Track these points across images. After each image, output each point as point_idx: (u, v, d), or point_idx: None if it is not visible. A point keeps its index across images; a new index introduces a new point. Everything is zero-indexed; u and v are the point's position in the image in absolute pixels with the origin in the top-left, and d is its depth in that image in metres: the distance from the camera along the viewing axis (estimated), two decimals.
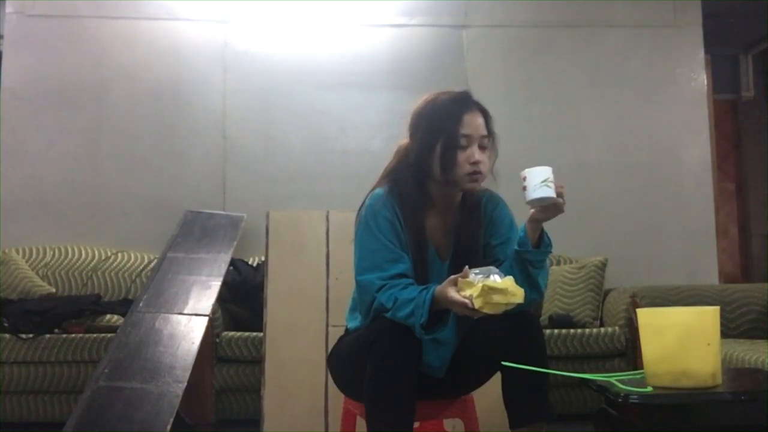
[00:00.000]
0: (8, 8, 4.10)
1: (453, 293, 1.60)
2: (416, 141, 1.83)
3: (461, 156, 1.76)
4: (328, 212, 2.85)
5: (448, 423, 2.37)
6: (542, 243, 1.77)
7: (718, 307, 1.57)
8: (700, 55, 4.34)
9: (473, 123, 1.78)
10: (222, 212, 3.92)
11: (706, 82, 4.36)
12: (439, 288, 1.65)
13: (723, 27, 4.86)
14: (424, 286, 1.70)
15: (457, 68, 4.23)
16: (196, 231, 3.64)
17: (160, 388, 2.58)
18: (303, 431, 2.63)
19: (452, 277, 1.64)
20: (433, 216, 1.86)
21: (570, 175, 4.19)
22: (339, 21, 4.25)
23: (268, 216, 2.83)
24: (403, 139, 1.93)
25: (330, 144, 4.15)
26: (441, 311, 1.70)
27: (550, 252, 1.80)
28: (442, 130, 1.77)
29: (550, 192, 1.68)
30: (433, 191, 1.85)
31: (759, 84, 5.68)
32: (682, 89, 4.31)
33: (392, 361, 1.63)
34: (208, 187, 4.09)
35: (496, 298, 1.55)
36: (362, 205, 1.87)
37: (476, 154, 1.76)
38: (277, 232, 2.79)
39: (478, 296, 1.54)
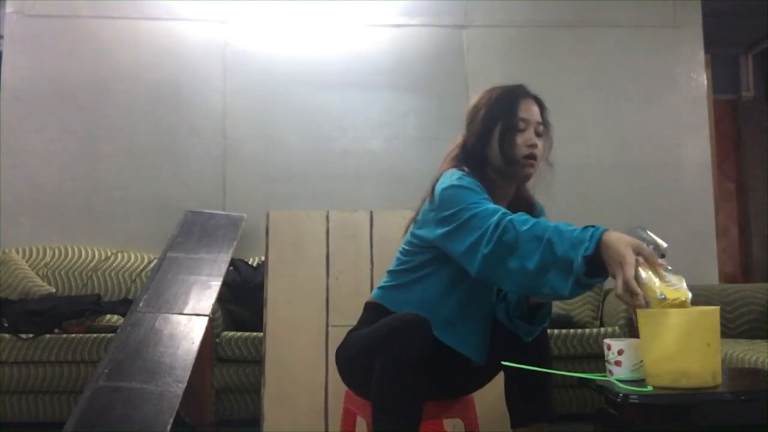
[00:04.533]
0: (8, 8, 4.10)
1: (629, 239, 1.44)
2: (475, 130, 1.85)
3: (519, 138, 1.77)
4: (328, 212, 2.85)
5: (448, 423, 2.37)
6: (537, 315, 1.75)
7: (717, 307, 1.56)
8: (700, 55, 4.34)
9: (530, 108, 1.81)
10: (222, 212, 3.92)
11: (706, 82, 4.36)
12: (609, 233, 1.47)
13: (723, 27, 4.86)
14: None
15: (457, 68, 4.23)
16: (196, 231, 3.64)
17: (160, 388, 2.58)
18: (303, 431, 2.63)
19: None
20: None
21: (570, 175, 4.19)
22: (339, 21, 4.25)
23: (268, 216, 2.83)
24: (451, 143, 1.95)
25: (330, 144, 4.15)
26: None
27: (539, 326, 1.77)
28: (500, 115, 1.79)
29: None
30: (495, 183, 1.80)
31: (759, 84, 5.69)
32: (682, 89, 4.31)
33: (402, 361, 1.59)
34: (208, 187, 4.09)
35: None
36: (439, 181, 1.77)
37: (533, 138, 1.78)
38: (277, 232, 2.79)
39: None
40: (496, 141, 1.77)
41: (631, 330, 3.30)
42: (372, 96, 4.18)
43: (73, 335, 3.26)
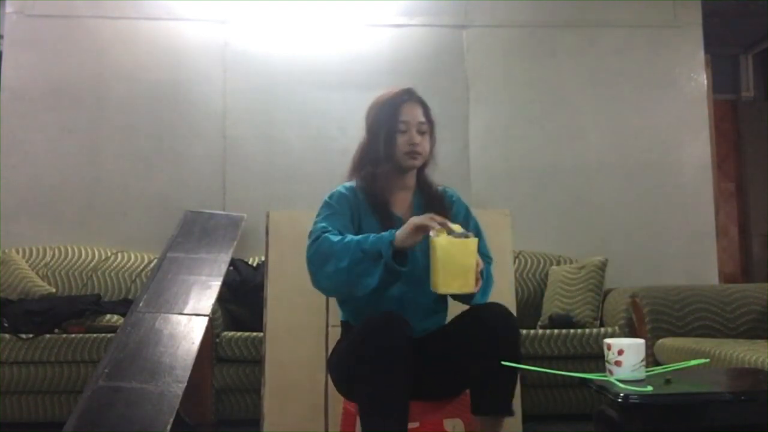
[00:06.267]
0: (8, 8, 4.10)
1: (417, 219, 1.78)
2: (366, 132, 2.13)
3: (401, 139, 2.02)
4: None
5: (447, 423, 2.37)
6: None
7: (475, 239, 1.77)
8: (700, 54, 4.34)
9: (410, 112, 2.06)
10: (222, 212, 3.92)
11: (706, 82, 4.36)
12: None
13: (723, 27, 4.86)
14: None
15: (457, 68, 4.23)
16: (196, 231, 3.64)
17: (160, 388, 2.58)
18: (303, 431, 2.63)
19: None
20: (396, 193, 2.08)
21: (570, 175, 4.19)
22: (339, 21, 4.25)
23: (268, 216, 2.83)
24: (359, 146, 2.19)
25: (330, 144, 4.15)
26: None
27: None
28: (384, 120, 2.06)
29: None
30: (389, 173, 2.07)
31: (759, 84, 5.69)
32: (682, 89, 4.31)
33: (382, 362, 1.68)
34: (208, 187, 4.09)
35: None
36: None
37: (415, 137, 2.02)
38: (277, 232, 2.78)
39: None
40: (382, 142, 2.03)
41: (631, 330, 3.30)
42: (372, 96, 4.10)
43: (73, 335, 3.26)
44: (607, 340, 1.70)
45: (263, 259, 2.85)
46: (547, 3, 4.31)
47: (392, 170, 2.07)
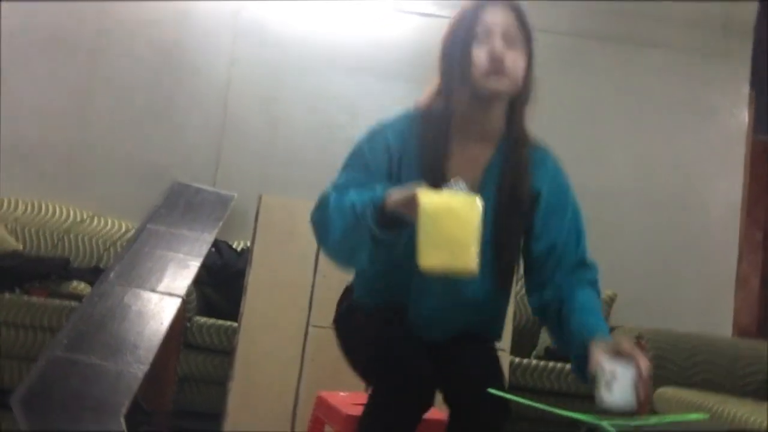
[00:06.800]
0: None
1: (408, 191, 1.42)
2: (440, 53, 1.71)
3: (479, 50, 1.58)
4: None
5: None
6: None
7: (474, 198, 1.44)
8: (745, 89, 4.32)
9: (495, 13, 1.62)
10: (211, 188, 3.91)
11: (747, 119, 4.34)
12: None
13: None
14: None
15: None
16: (181, 205, 3.63)
17: (120, 367, 2.56)
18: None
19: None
20: (466, 145, 1.67)
21: (586, 198, 4.13)
22: (364, 1, 4.23)
23: (260, 199, 2.82)
24: None
25: (337, 131, 4.12)
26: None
27: None
28: (459, 28, 1.64)
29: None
30: (467, 113, 1.66)
31: None
32: (720, 123, 4.29)
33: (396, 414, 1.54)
34: (201, 160, 4.08)
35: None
36: None
37: (497, 46, 1.57)
38: (267, 218, 2.77)
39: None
40: (457, 61, 1.61)
41: None
42: (388, 86, 4.16)
43: (35, 298, 3.25)
44: (602, 361, 1.67)
45: (249, 244, 2.84)
46: (589, 12, 4.28)
47: (468, 104, 1.63)
